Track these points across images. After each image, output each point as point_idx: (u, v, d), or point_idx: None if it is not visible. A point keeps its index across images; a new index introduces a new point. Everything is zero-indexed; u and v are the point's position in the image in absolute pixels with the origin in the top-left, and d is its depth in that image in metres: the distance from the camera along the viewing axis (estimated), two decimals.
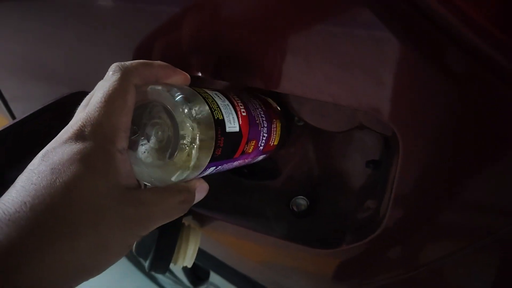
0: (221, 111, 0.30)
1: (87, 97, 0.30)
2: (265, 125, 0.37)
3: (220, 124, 0.30)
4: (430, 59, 0.27)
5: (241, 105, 0.34)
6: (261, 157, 0.40)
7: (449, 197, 0.33)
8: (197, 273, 0.87)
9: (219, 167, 0.32)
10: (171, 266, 0.48)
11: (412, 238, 0.38)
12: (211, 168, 0.31)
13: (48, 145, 0.25)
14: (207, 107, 0.29)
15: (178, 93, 0.27)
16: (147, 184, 0.30)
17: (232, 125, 0.31)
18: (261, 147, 0.37)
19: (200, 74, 0.36)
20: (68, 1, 0.40)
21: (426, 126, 0.30)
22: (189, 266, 0.49)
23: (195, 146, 0.27)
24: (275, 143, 0.40)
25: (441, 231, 0.36)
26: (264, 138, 0.37)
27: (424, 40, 0.27)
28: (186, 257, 0.48)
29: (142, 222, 0.25)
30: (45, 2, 0.41)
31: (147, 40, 0.38)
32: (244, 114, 0.33)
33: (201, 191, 0.31)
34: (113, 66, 0.27)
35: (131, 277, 1.17)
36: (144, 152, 0.29)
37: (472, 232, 0.34)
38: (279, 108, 0.42)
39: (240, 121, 0.32)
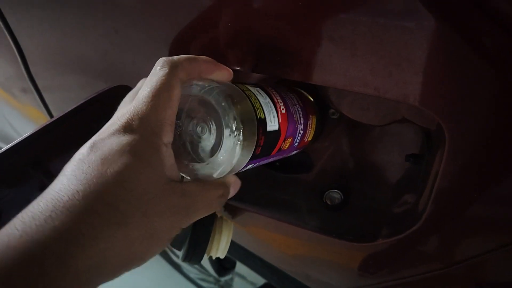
0: (263, 110, 0.30)
1: (130, 93, 0.30)
2: (302, 122, 0.37)
3: (262, 123, 0.30)
4: (479, 49, 0.26)
5: (280, 102, 0.33)
6: (294, 152, 0.39)
7: (492, 192, 0.32)
8: (222, 263, 0.88)
9: (256, 164, 0.32)
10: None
11: (451, 233, 0.37)
12: (249, 165, 0.31)
13: (95, 136, 0.26)
14: (250, 106, 0.29)
15: (222, 91, 0.27)
16: (187, 178, 0.30)
17: (273, 123, 0.31)
18: (296, 144, 0.37)
19: (238, 68, 0.36)
20: None
21: (474, 120, 0.29)
22: (222, 257, 0.49)
23: (238, 146, 0.27)
24: (309, 138, 0.40)
25: (482, 226, 0.35)
26: (300, 135, 0.37)
27: (474, 30, 0.26)
28: (219, 248, 0.48)
29: (187, 212, 0.26)
30: None
31: (183, 34, 0.38)
32: (283, 111, 0.33)
33: (235, 186, 0.32)
34: (160, 61, 0.28)
35: (156, 265, 1.19)
36: (187, 147, 0.29)
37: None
38: (313, 101, 0.41)
39: (280, 119, 0.32)
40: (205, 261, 0.88)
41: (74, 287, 0.21)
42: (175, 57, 0.28)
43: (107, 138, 0.25)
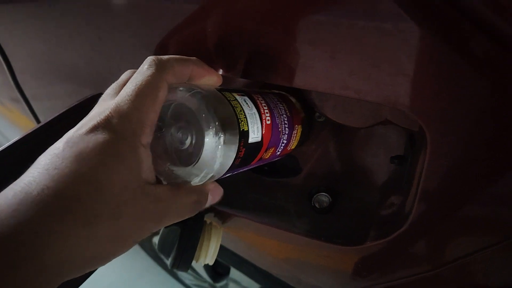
0: (247, 122, 0.30)
1: (113, 86, 0.29)
2: (286, 132, 0.37)
3: (244, 135, 0.29)
4: (459, 50, 0.26)
5: (267, 112, 0.33)
6: (276, 159, 0.39)
7: (477, 192, 0.32)
8: (217, 269, 0.87)
9: (235, 172, 0.32)
10: (193, 263, 0.48)
11: (439, 234, 0.37)
12: (227, 174, 0.31)
13: (72, 130, 0.25)
14: (234, 118, 0.29)
15: (207, 100, 0.27)
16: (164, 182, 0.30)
17: (255, 135, 0.31)
18: (278, 153, 0.37)
19: (221, 72, 0.36)
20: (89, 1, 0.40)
21: (454, 120, 0.29)
22: (211, 264, 0.49)
23: (217, 158, 0.27)
24: (293, 147, 0.40)
25: (469, 226, 0.35)
26: (283, 145, 0.37)
27: (452, 29, 0.26)
28: (208, 255, 0.48)
29: (158, 217, 0.26)
30: (66, 2, 0.42)
31: (168, 38, 0.38)
32: (268, 122, 0.33)
33: (215, 194, 0.31)
34: (149, 60, 0.27)
35: (151, 272, 1.19)
36: (167, 150, 0.29)
37: (502, 228, 0.33)
38: (300, 109, 0.41)
39: (264, 131, 0.32)
40: (199, 267, 0.88)
41: (39, 281, 0.21)
42: (165, 57, 0.27)
43: (84, 134, 0.24)
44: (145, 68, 0.27)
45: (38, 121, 0.63)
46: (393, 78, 0.28)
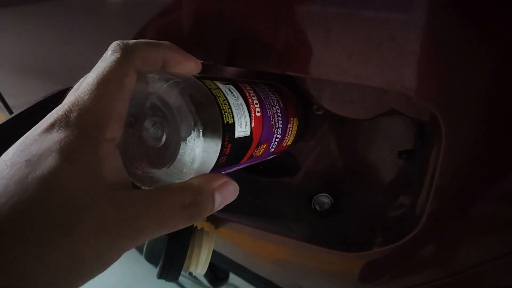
0: (232, 113, 0.26)
1: (81, 80, 0.26)
2: (280, 126, 0.33)
3: (229, 129, 0.26)
4: (477, 21, 0.23)
5: (256, 103, 0.30)
6: (270, 157, 0.35)
7: (498, 189, 0.29)
8: (216, 274, 0.85)
9: (223, 173, 0.28)
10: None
11: (454, 237, 0.33)
12: None
13: (29, 131, 0.22)
14: (216, 109, 0.25)
15: (183, 89, 0.23)
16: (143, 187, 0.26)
17: (243, 129, 0.27)
18: (272, 149, 0.33)
19: (204, 61, 0.32)
20: None
21: (473, 108, 0.25)
22: (202, 273, 0.45)
23: (196, 155, 0.23)
24: (289, 143, 0.36)
25: (489, 229, 0.32)
26: (277, 140, 0.33)
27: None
28: (199, 263, 0.44)
29: (128, 230, 0.21)
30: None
31: (145, 27, 0.35)
32: (258, 114, 0.29)
33: (227, 192, 0.25)
34: (113, 45, 0.24)
35: (151, 277, 1.17)
36: (140, 150, 0.25)
37: None
38: (296, 101, 0.37)
39: (253, 124, 0.28)
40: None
41: None
42: (132, 41, 0.24)
43: (38, 135, 0.21)
44: (109, 54, 0.23)
45: None
46: (398, 58, 0.25)
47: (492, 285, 0.37)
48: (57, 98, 0.36)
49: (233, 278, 0.76)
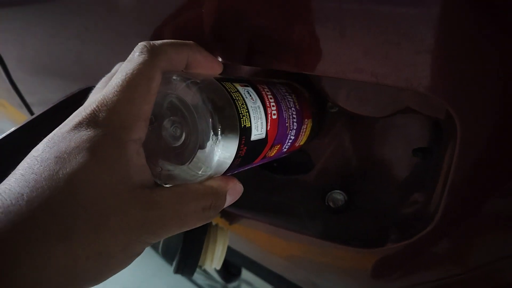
0: (249, 117, 0.26)
1: (104, 79, 0.27)
2: (294, 127, 0.33)
3: (245, 132, 0.26)
4: (494, 19, 0.22)
5: (273, 106, 0.30)
6: (282, 156, 0.36)
7: None
8: (229, 269, 0.85)
9: (234, 172, 0.29)
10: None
11: (468, 234, 0.33)
12: (227, 174, 0.28)
13: (56, 128, 0.22)
14: (235, 113, 0.25)
15: (204, 92, 0.24)
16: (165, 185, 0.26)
17: (259, 132, 0.28)
18: (285, 149, 0.34)
19: (221, 60, 0.33)
20: None
21: (489, 104, 0.25)
22: (218, 268, 0.46)
23: (213, 157, 0.24)
24: (302, 143, 0.37)
25: (504, 226, 0.32)
26: (290, 141, 0.33)
27: None
28: (214, 258, 0.45)
29: (152, 228, 0.22)
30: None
31: (162, 27, 0.35)
32: (274, 117, 0.30)
33: (234, 193, 0.27)
34: (140, 46, 0.24)
35: (163, 272, 1.18)
36: (159, 147, 0.26)
37: None
38: (310, 100, 0.37)
39: (269, 126, 0.29)
40: (211, 268, 0.86)
41: None
42: (158, 42, 0.25)
43: (67, 132, 0.21)
44: (136, 55, 0.24)
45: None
46: (415, 56, 0.24)
47: (506, 283, 0.37)
48: (77, 97, 0.37)
49: (245, 274, 0.76)
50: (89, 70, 0.44)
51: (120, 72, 0.23)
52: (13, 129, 0.34)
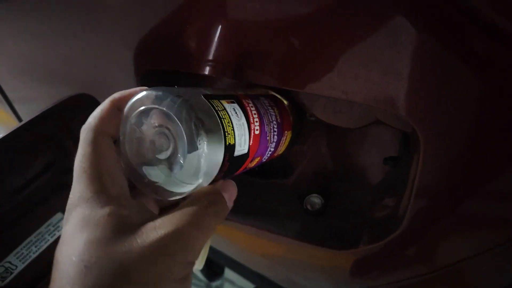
0: (234, 135, 0.28)
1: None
2: (275, 140, 0.35)
3: (229, 150, 0.27)
4: (455, 49, 0.25)
5: (256, 122, 0.31)
6: (262, 163, 0.38)
7: (473, 193, 0.31)
8: (212, 268, 0.86)
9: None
10: None
11: (435, 236, 0.36)
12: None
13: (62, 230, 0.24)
14: (221, 132, 0.26)
15: (193, 111, 0.25)
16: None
17: (242, 147, 0.29)
18: (265, 160, 0.35)
19: (208, 72, 0.34)
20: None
21: (448, 120, 0.28)
22: (199, 268, 0.47)
23: (198, 171, 0.25)
24: (280, 153, 0.38)
25: (467, 228, 0.34)
26: (269, 153, 0.35)
27: (448, 27, 0.24)
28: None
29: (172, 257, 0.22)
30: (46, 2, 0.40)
31: (150, 37, 0.36)
32: (257, 132, 0.31)
33: (228, 189, 0.28)
34: (81, 129, 0.26)
35: None
36: (147, 157, 0.27)
37: (503, 229, 0.32)
38: (290, 112, 0.39)
39: (251, 142, 0.30)
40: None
41: None
42: (92, 118, 0.26)
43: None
44: (82, 138, 0.25)
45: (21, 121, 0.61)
46: (382, 77, 0.27)
47: (476, 279, 0.39)
48: (68, 104, 0.38)
49: (229, 273, 0.77)
50: (76, 78, 0.44)
51: (76, 163, 0.25)
52: (1, 135, 0.35)
